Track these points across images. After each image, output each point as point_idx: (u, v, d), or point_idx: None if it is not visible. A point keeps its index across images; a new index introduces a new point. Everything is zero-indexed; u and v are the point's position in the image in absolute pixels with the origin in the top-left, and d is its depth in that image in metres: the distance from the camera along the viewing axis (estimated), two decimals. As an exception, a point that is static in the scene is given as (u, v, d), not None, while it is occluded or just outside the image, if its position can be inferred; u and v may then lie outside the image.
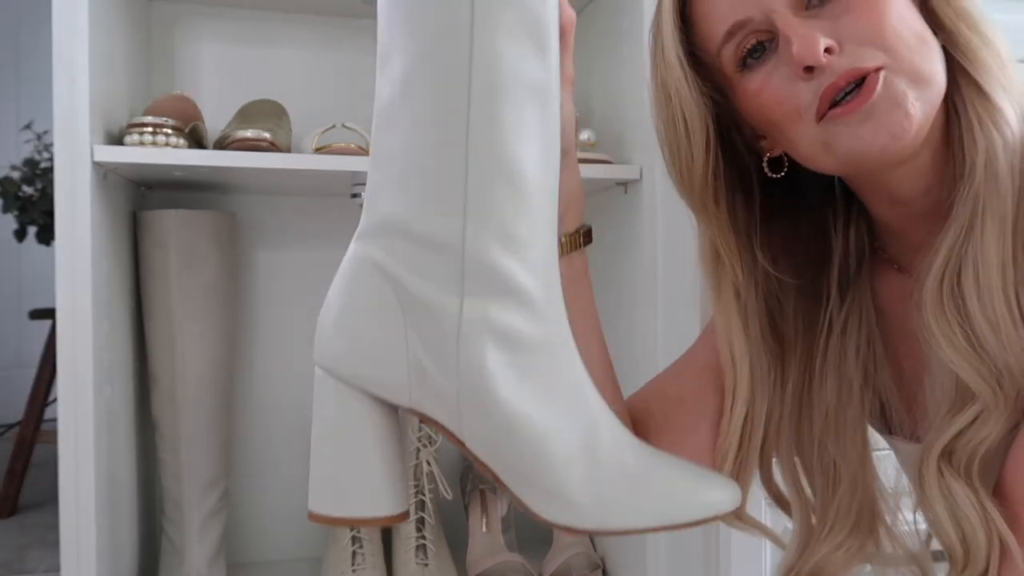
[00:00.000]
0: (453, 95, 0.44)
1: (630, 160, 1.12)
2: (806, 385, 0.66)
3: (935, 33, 0.56)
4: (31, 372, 1.95)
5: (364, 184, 1.11)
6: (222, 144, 1.02)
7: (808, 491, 0.67)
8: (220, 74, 1.24)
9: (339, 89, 1.28)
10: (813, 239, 0.66)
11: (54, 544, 1.59)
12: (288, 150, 1.05)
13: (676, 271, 1.02)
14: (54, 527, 0.88)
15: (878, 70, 0.53)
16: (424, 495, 1.18)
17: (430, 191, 0.45)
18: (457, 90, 0.44)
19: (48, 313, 1.92)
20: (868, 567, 0.68)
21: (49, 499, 1.98)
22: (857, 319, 0.66)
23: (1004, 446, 0.55)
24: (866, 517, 0.65)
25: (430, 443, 1.19)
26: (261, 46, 1.26)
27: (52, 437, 0.91)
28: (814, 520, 0.67)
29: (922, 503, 0.58)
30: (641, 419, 0.69)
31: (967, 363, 0.54)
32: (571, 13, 0.50)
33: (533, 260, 0.45)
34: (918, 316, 0.56)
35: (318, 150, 1.02)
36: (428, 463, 1.19)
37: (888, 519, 0.67)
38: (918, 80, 0.53)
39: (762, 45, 0.56)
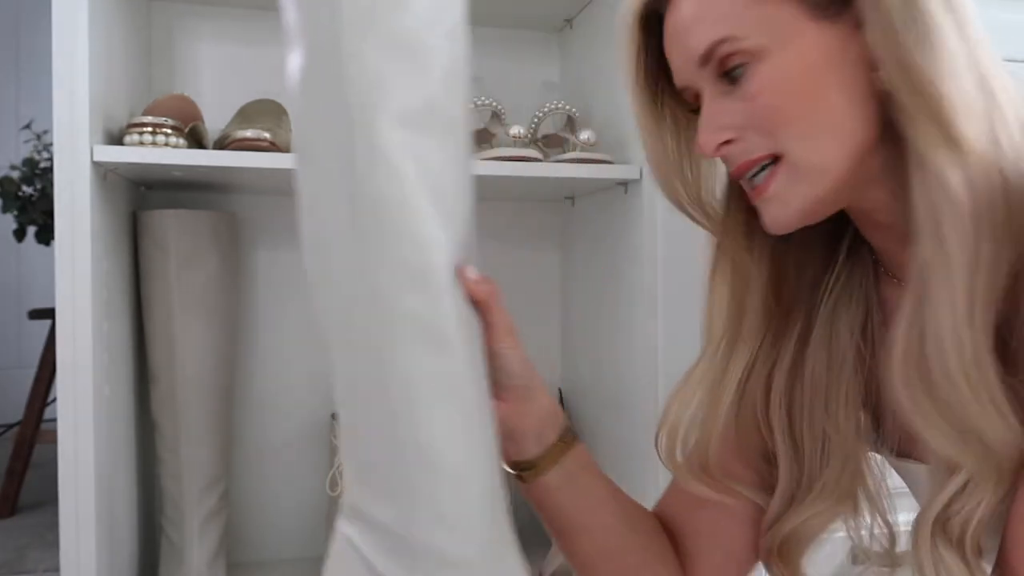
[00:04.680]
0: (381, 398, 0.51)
1: (630, 160, 1.12)
2: (800, 346, 0.67)
3: (880, 92, 0.55)
4: (31, 372, 1.95)
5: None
6: (222, 144, 1.02)
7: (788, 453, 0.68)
8: (220, 74, 1.24)
9: (339, 89, 1.28)
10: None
11: (54, 544, 1.58)
12: (288, 150, 1.05)
13: (676, 271, 1.02)
14: (54, 527, 0.88)
15: (774, 161, 0.57)
16: (424, 495, 1.17)
17: (368, 476, 0.51)
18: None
19: (48, 313, 1.92)
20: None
21: (49, 499, 1.98)
22: (851, 297, 0.67)
23: (1000, 513, 0.55)
24: (850, 490, 0.67)
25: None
26: (261, 46, 1.26)
27: (52, 437, 0.91)
28: (798, 483, 0.68)
29: (916, 567, 0.59)
30: (670, 527, 0.74)
31: (942, 436, 0.53)
32: (488, 288, 0.56)
33: (467, 529, 0.50)
34: (889, 390, 0.57)
35: (318, 150, 1.02)
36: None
37: (872, 489, 0.68)
38: (807, 174, 0.56)
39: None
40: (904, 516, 0.67)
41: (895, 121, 0.54)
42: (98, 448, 0.88)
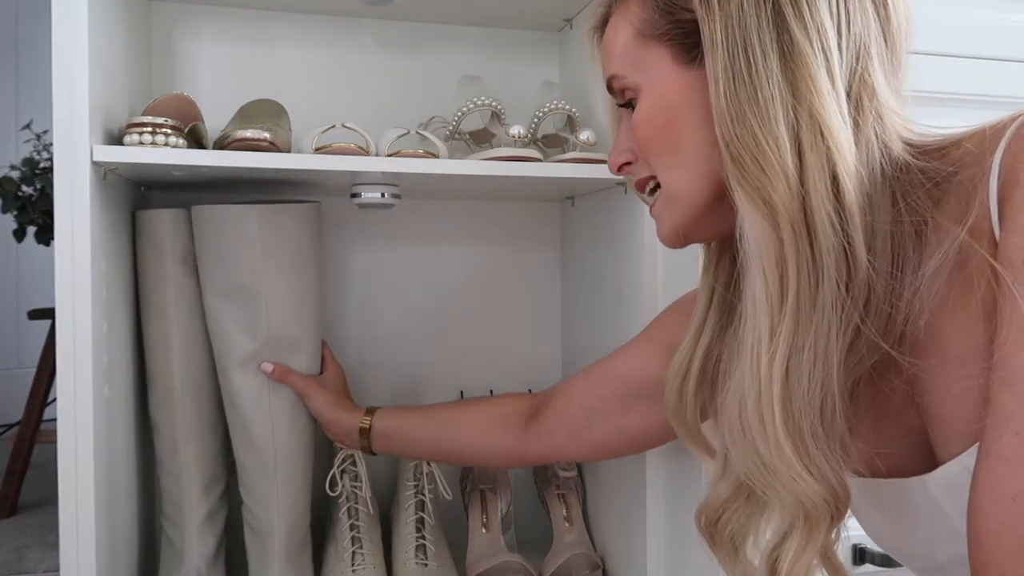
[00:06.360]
0: None
1: (630, 160, 1.11)
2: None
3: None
4: (31, 372, 1.94)
5: (364, 184, 1.11)
6: (222, 144, 1.01)
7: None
8: (220, 74, 1.24)
9: (339, 89, 1.28)
10: None
11: (53, 545, 1.58)
12: (288, 150, 1.05)
13: (676, 271, 1.02)
14: (53, 527, 0.88)
15: (655, 188, 0.66)
16: (424, 495, 1.17)
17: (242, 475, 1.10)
18: None
19: (47, 313, 1.92)
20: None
21: (49, 499, 1.98)
22: None
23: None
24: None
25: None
26: (261, 46, 1.26)
27: (52, 437, 0.91)
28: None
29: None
30: (546, 410, 0.96)
31: (752, 478, 0.60)
32: (277, 373, 1.05)
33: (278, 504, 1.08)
34: None
35: (318, 150, 1.02)
36: (428, 463, 1.18)
37: None
38: (675, 201, 0.64)
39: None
40: None
41: None
42: (98, 448, 0.88)
